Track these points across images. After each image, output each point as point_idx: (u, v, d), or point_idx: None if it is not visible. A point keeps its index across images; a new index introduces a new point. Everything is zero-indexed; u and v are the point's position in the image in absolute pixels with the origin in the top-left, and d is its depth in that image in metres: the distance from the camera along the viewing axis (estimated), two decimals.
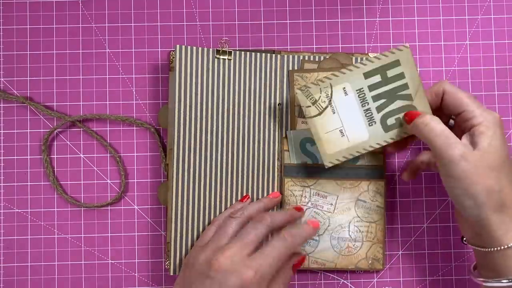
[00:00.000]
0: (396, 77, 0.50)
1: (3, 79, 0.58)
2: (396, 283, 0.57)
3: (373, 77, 0.50)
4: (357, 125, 0.51)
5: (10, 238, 0.57)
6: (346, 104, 0.51)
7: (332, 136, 0.51)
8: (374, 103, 0.51)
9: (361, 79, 0.51)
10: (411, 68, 0.50)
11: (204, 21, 0.59)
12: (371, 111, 0.51)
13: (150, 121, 0.58)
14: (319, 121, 0.51)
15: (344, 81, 0.51)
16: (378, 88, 0.51)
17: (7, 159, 0.57)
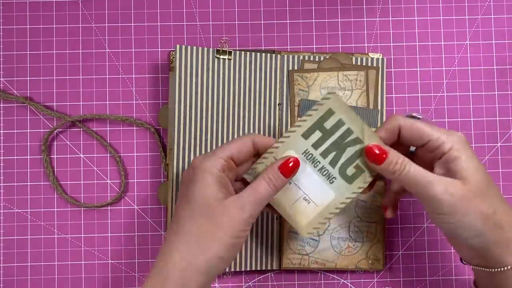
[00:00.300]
0: (335, 126, 0.46)
1: (3, 79, 0.58)
2: (396, 283, 0.57)
3: (312, 135, 0.46)
4: (318, 188, 0.47)
5: (10, 238, 0.57)
6: (299, 171, 0.46)
7: (299, 207, 0.47)
8: (326, 160, 0.46)
9: (302, 141, 0.46)
10: (346, 112, 0.46)
11: (204, 21, 0.59)
12: (326, 168, 0.46)
13: (150, 121, 0.58)
14: (280, 197, 0.47)
15: (286, 149, 0.46)
16: (322, 144, 0.46)
17: (7, 159, 0.57)
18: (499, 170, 0.58)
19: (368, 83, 0.57)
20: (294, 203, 0.47)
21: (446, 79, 0.59)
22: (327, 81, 0.56)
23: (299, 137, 0.46)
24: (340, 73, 0.56)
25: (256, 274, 0.57)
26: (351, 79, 0.56)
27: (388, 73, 0.59)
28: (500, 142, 0.59)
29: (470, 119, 0.59)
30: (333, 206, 0.47)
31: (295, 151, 0.47)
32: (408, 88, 0.59)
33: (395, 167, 0.44)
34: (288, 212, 0.47)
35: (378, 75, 0.57)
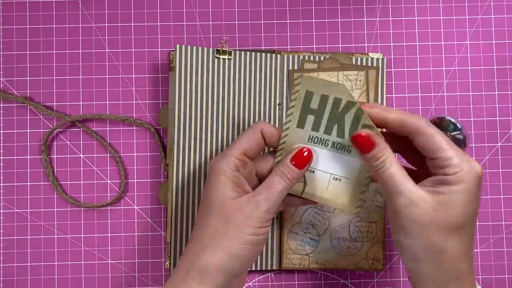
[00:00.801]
0: (322, 103, 0.44)
1: (3, 79, 0.58)
2: (396, 283, 0.57)
3: (306, 121, 0.45)
4: (341, 162, 0.46)
5: (10, 238, 0.57)
6: (314, 156, 0.45)
7: (334, 189, 0.46)
8: (332, 135, 0.45)
9: (300, 131, 0.45)
10: (323, 85, 0.44)
11: (204, 21, 0.59)
12: (337, 141, 0.45)
13: (150, 121, 0.58)
14: (310, 189, 0.47)
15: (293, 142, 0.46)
16: (320, 123, 0.45)
17: (7, 159, 0.57)
18: (499, 170, 0.58)
19: (368, 83, 0.57)
20: (327, 189, 0.46)
21: (446, 79, 0.59)
22: None
23: (296, 129, 0.45)
24: (340, 73, 0.56)
25: (256, 274, 0.57)
26: (351, 79, 0.56)
27: (388, 73, 0.59)
28: (500, 142, 0.59)
29: (470, 119, 0.59)
30: (364, 171, 0.45)
31: (299, 141, 0.46)
32: (408, 88, 0.59)
33: (375, 162, 0.42)
34: (326, 198, 0.47)
35: (378, 75, 0.57)
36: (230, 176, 0.42)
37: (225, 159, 0.43)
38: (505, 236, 0.58)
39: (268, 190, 0.43)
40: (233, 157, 0.43)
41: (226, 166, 0.43)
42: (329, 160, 0.46)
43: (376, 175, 0.43)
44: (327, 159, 0.46)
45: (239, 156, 0.43)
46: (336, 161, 0.46)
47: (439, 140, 0.41)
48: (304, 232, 0.56)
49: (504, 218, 0.58)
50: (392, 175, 0.41)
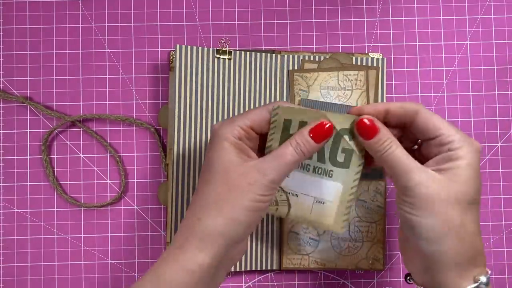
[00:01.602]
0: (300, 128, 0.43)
1: (3, 79, 0.58)
2: (396, 283, 0.57)
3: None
4: (323, 186, 0.46)
5: (10, 238, 0.57)
6: (297, 180, 0.46)
7: (317, 211, 0.46)
8: (313, 160, 0.45)
9: None
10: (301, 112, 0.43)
11: (204, 21, 0.59)
12: (318, 166, 0.45)
13: (150, 121, 0.58)
14: (295, 211, 0.46)
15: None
16: None
17: (7, 159, 0.57)
18: (499, 170, 0.58)
19: (368, 83, 0.57)
20: (311, 211, 0.46)
21: (446, 79, 0.59)
22: (327, 81, 0.56)
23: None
24: (340, 73, 0.56)
25: (256, 274, 0.57)
26: (351, 79, 0.56)
27: (388, 73, 0.59)
28: (500, 142, 0.59)
29: (470, 119, 0.59)
30: (346, 194, 0.45)
31: None
32: (408, 88, 0.59)
33: (381, 146, 0.41)
34: (311, 220, 0.46)
35: (378, 75, 0.57)
36: (234, 143, 0.41)
37: (230, 126, 0.42)
38: (505, 236, 0.58)
39: (278, 160, 0.41)
40: (239, 127, 0.42)
41: (229, 133, 0.41)
42: (311, 184, 0.46)
43: (381, 159, 0.41)
44: (309, 183, 0.46)
45: (245, 127, 0.42)
46: (318, 185, 0.46)
47: (439, 120, 0.41)
48: (304, 232, 0.56)
49: (504, 218, 0.58)
50: (400, 156, 0.41)
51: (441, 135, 0.41)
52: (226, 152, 0.41)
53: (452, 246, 0.39)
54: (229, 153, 0.41)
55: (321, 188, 0.46)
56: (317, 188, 0.46)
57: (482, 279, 0.40)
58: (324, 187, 0.46)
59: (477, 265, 0.40)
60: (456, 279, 0.40)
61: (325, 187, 0.46)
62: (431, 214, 0.39)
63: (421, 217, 0.40)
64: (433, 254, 0.40)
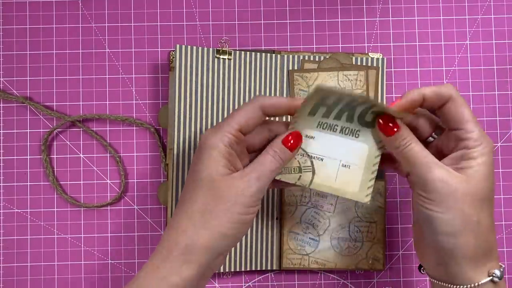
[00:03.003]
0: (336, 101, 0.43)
1: (3, 79, 0.58)
2: (396, 283, 0.57)
3: (318, 110, 0.44)
4: (348, 148, 0.45)
5: (10, 238, 0.57)
6: (323, 144, 0.45)
7: (343, 177, 0.45)
8: (341, 120, 0.44)
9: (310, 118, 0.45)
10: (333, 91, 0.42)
11: (204, 21, 0.59)
12: (345, 126, 0.45)
13: (150, 121, 0.58)
14: (319, 179, 0.45)
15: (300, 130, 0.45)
16: (331, 112, 0.44)
17: (7, 159, 0.57)
18: (499, 170, 0.58)
19: (368, 83, 0.57)
20: (336, 177, 0.45)
21: (446, 79, 0.59)
22: (327, 81, 0.56)
23: (306, 117, 0.44)
24: (340, 73, 0.56)
25: (256, 274, 0.57)
26: (351, 79, 0.56)
27: (388, 73, 0.58)
28: (500, 142, 0.59)
29: None
30: (372, 156, 0.45)
31: (308, 128, 0.45)
32: (408, 88, 0.59)
33: (400, 142, 0.42)
34: (335, 188, 0.45)
35: (378, 75, 0.57)
36: (223, 153, 0.41)
37: (219, 135, 0.42)
38: (505, 236, 0.58)
39: (259, 169, 0.42)
40: (228, 133, 0.42)
41: (220, 142, 0.41)
42: (337, 146, 0.45)
43: (401, 154, 0.42)
44: (335, 145, 0.45)
45: (234, 132, 0.42)
46: (344, 146, 0.45)
47: (466, 111, 0.41)
48: (304, 232, 0.56)
49: (504, 218, 0.58)
50: (419, 152, 0.42)
51: (462, 129, 0.41)
52: (214, 163, 0.41)
53: (468, 241, 0.40)
54: (217, 164, 0.41)
55: (347, 150, 0.45)
56: (343, 150, 0.45)
57: (496, 273, 0.41)
58: (350, 148, 0.45)
59: (491, 259, 0.41)
60: (471, 273, 0.41)
61: (351, 148, 0.45)
62: (449, 209, 0.40)
63: (439, 212, 0.40)
64: (449, 248, 0.41)
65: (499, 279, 0.41)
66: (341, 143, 0.45)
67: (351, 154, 0.45)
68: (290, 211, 0.56)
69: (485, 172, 0.41)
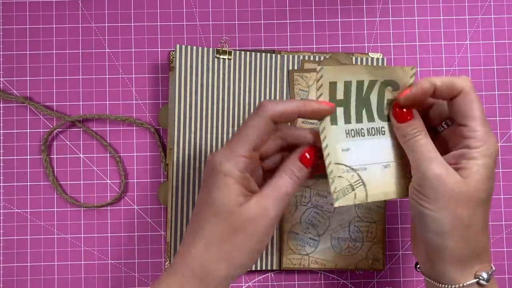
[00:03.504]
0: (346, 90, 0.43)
1: (3, 79, 0.58)
2: (396, 283, 0.57)
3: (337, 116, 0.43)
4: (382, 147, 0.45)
5: (10, 238, 0.57)
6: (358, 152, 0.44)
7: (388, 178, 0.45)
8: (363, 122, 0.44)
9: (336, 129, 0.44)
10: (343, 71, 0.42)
11: (204, 21, 0.59)
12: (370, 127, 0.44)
13: (150, 121, 0.58)
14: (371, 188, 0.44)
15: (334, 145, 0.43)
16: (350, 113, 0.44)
17: (7, 159, 0.57)
18: (499, 170, 0.58)
19: None
20: (384, 181, 0.45)
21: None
22: None
23: (331, 128, 0.43)
24: None
25: (256, 274, 0.57)
26: None
27: None
28: (500, 142, 0.59)
29: None
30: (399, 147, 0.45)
31: (341, 141, 0.44)
32: None
33: (410, 132, 0.42)
34: (388, 192, 0.45)
35: None
36: (239, 179, 0.39)
37: (234, 160, 0.39)
38: (505, 236, 0.58)
39: (276, 195, 0.40)
40: (243, 158, 0.40)
41: (235, 168, 0.39)
42: (372, 149, 0.44)
43: (406, 144, 0.42)
44: (370, 148, 0.44)
45: (248, 154, 0.40)
46: (377, 147, 0.45)
47: (475, 108, 0.41)
48: (304, 232, 0.56)
49: (504, 218, 0.58)
50: (424, 145, 0.41)
51: (467, 126, 0.41)
52: (230, 191, 0.39)
53: (456, 243, 0.40)
54: (233, 192, 0.39)
55: (381, 150, 0.45)
56: (378, 151, 0.45)
57: (483, 275, 0.40)
58: (382, 147, 0.45)
59: (480, 261, 0.41)
60: (456, 273, 0.41)
61: (384, 147, 0.45)
62: (441, 209, 0.40)
63: (431, 210, 0.40)
64: (437, 247, 0.41)
65: (486, 282, 0.40)
66: (373, 144, 0.45)
67: (385, 152, 0.45)
68: (290, 211, 0.56)
69: (484, 175, 0.40)
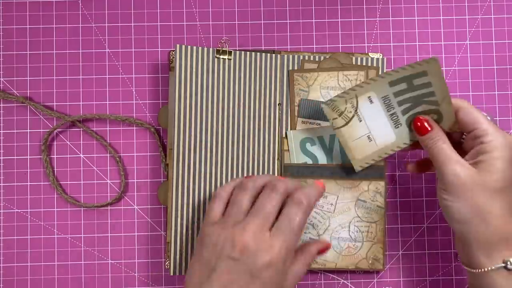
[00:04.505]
0: (422, 85, 0.49)
1: (3, 79, 0.58)
2: (396, 283, 0.57)
3: (398, 85, 0.50)
4: (383, 129, 0.52)
5: (10, 238, 0.57)
6: (372, 111, 0.52)
7: (360, 143, 0.53)
8: (400, 107, 0.51)
9: (386, 87, 0.50)
10: (439, 78, 0.48)
11: (204, 21, 0.59)
12: (397, 114, 0.51)
13: (150, 121, 0.58)
14: (346, 130, 0.53)
15: (370, 90, 0.51)
16: (404, 94, 0.50)
17: (7, 159, 0.57)
18: None
19: None
20: (356, 139, 0.53)
21: (446, 79, 0.59)
22: (327, 81, 0.56)
23: (386, 83, 0.50)
24: (340, 73, 0.56)
25: None
26: (351, 79, 0.56)
27: None
28: None
29: None
30: (389, 148, 0.53)
31: (376, 93, 0.51)
32: None
33: (430, 141, 0.48)
34: (348, 145, 0.53)
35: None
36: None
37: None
38: None
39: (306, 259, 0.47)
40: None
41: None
42: (378, 122, 0.52)
43: (429, 150, 0.49)
44: (379, 120, 0.52)
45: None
46: (382, 126, 0.53)
47: (477, 115, 0.47)
48: (304, 232, 0.56)
49: None
50: (444, 149, 0.47)
51: (477, 128, 0.46)
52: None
53: (478, 228, 0.45)
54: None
55: (381, 130, 0.53)
56: (378, 128, 0.53)
57: (511, 260, 0.44)
58: (383, 131, 0.53)
59: (508, 248, 0.45)
60: (483, 258, 0.45)
61: (384, 132, 0.53)
62: (459, 199, 0.45)
63: (451, 201, 0.46)
64: (464, 235, 0.46)
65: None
66: (383, 122, 0.52)
67: (380, 134, 0.53)
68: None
69: (499, 164, 0.45)
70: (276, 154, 0.56)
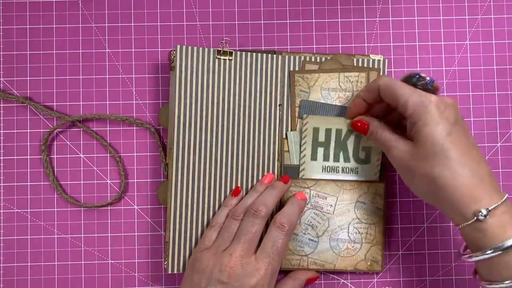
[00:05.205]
0: (327, 135, 0.54)
1: (3, 79, 0.58)
2: (396, 283, 0.58)
3: (318, 153, 0.55)
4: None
5: (10, 238, 0.57)
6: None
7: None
8: (340, 161, 0.55)
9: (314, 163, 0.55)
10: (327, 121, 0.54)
11: (204, 21, 0.59)
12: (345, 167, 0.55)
13: (150, 121, 0.58)
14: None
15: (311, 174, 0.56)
16: (329, 154, 0.55)
17: (7, 159, 0.57)
18: (499, 170, 0.58)
19: None
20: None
21: (446, 79, 0.59)
22: (328, 82, 0.56)
23: (311, 162, 0.55)
24: (341, 74, 0.56)
25: None
26: (352, 80, 0.56)
27: (388, 74, 0.58)
28: (500, 142, 0.59)
29: (470, 119, 0.59)
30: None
31: (315, 173, 0.55)
32: None
33: (373, 136, 0.51)
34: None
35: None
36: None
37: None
38: None
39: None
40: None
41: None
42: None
43: (377, 144, 0.51)
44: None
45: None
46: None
47: (394, 89, 0.47)
48: (303, 233, 0.56)
49: None
50: (385, 136, 0.49)
51: (399, 105, 0.47)
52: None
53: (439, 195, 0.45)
54: None
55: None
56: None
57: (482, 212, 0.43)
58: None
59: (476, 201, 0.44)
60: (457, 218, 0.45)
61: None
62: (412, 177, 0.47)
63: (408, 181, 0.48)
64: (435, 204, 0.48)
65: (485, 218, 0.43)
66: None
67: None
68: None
69: (426, 130, 0.45)
70: (276, 154, 0.56)
